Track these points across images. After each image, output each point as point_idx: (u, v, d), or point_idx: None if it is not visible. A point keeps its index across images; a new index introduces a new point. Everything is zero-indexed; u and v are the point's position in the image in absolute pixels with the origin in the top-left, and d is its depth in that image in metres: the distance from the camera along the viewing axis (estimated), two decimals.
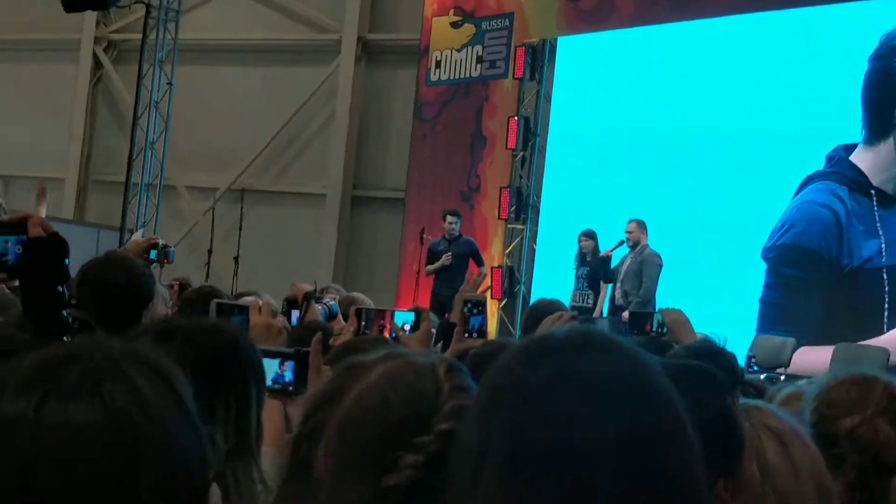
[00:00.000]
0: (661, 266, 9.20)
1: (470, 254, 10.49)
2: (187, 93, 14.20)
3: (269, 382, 2.08)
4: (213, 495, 1.02)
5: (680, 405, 1.01)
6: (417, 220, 11.87)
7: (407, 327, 3.24)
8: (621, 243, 9.52)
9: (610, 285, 9.78)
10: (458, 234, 10.62)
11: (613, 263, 9.70)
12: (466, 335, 3.12)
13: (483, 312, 3.87)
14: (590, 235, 9.98)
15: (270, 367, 2.23)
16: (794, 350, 8.12)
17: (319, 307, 4.71)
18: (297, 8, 14.64)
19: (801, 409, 1.96)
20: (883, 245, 8.23)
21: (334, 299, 6.75)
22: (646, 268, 9.16)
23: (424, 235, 11.05)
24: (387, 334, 3.16)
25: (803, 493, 1.50)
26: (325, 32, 14.49)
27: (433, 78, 12.72)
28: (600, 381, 0.98)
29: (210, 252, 12.25)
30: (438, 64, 12.63)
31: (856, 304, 8.36)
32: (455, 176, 12.16)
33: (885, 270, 8.22)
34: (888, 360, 7.25)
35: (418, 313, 3.00)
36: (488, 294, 10.54)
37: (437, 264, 10.48)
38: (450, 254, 10.42)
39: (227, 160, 14.58)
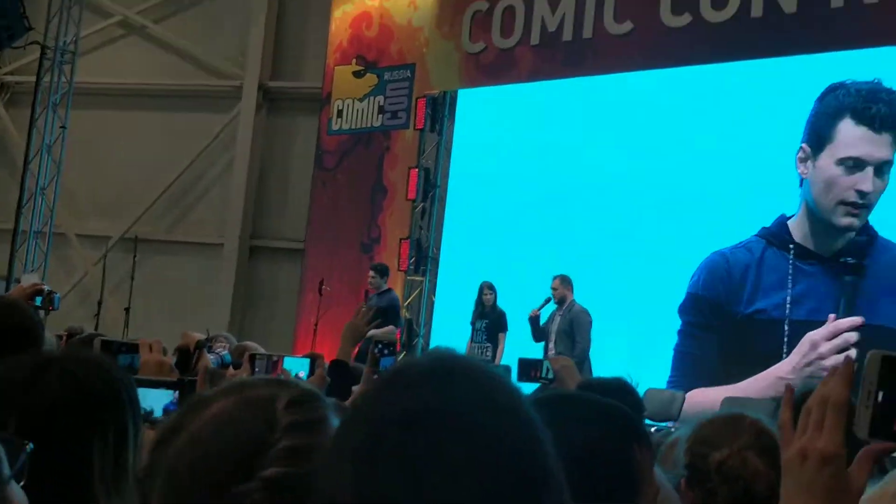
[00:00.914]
0: (591, 322, 9.01)
1: (385, 309, 10.15)
2: (82, 137, 13.81)
3: (159, 413, 2.10)
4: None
5: (547, 444, 0.94)
6: (316, 272, 11.70)
7: (302, 374, 3.16)
8: (548, 301, 9.30)
9: (506, 336, 9.75)
10: (383, 288, 10.35)
11: (542, 321, 9.48)
12: (376, 377, 3.02)
13: (393, 353, 3.77)
14: (492, 288, 9.93)
15: (160, 398, 2.29)
16: (682, 403, 8.15)
17: (212, 356, 4.57)
18: (197, 53, 14.43)
19: (676, 452, 2.07)
20: (789, 298, 8.36)
21: (225, 348, 6.55)
22: (577, 326, 8.97)
23: (324, 287, 10.89)
24: None
25: None
26: (225, 79, 14.31)
27: (334, 127, 12.64)
28: (459, 423, 0.90)
29: (100, 303, 11.85)
30: (340, 113, 12.56)
31: (753, 352, 8.45)
32: (355, 226, 12.04)
33: (786, 322, 8.35)
34: (776, 408, 7.33)
35: (313, 359, 2.91)
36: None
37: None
38: (363, 306, 10.20)
39: (121, 207, 14.20)
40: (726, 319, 8.67)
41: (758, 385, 8.08)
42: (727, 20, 9.23)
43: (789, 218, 8.54)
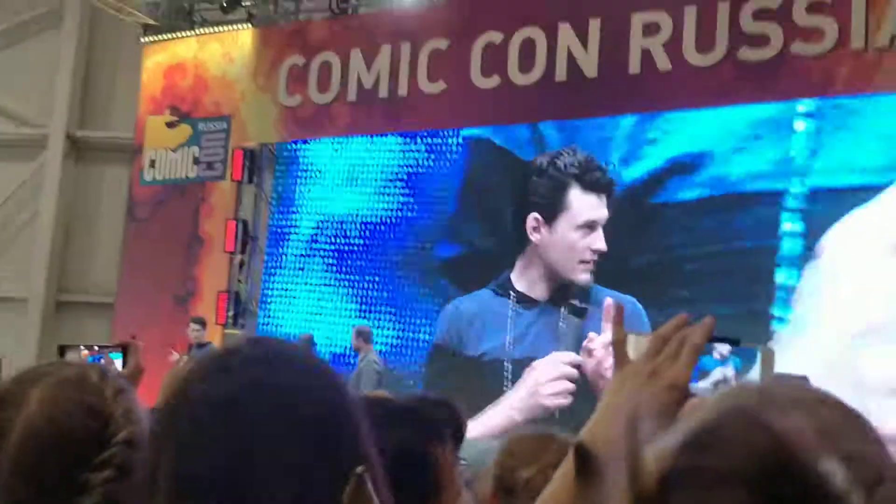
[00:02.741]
0: (379, 371, 9.18)
1: None
2: None
3: None
4: None
5: (363, 423, 0.99)
6: (127, 326, 11.37)
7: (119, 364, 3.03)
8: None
9: None
10: (203, 341, 10.18)
11: None
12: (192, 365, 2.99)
13: None
14: (304, 340, 9.93)
15: None
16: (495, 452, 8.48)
17: None
18: (2, 101, 13.83)
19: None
20: (509, 339, 9.16)
21: None
22: (364, 376, 9.18)
23: (135, 340, 10.59)
24: None
25: None
26: (31, 127, 13.78)
27: (147, 178, 12.39)
28: (281, 397, 0.94)
29: None
30: (153, 163, 12.34)
31: (481, 391, 9.04)
32: (169, 279, 11.79)
33: (507, 361, 9.15)
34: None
35: (125, 347, 2.79)
36: None
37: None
38: (182, 357, 10.05)
39: None
40: (454, 362, 9.46)
41: (493, 419, 8.72)
42: (533, 83, 9.73)
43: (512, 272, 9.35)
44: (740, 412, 0.71)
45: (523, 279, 9.27)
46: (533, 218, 9.15)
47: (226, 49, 12.00)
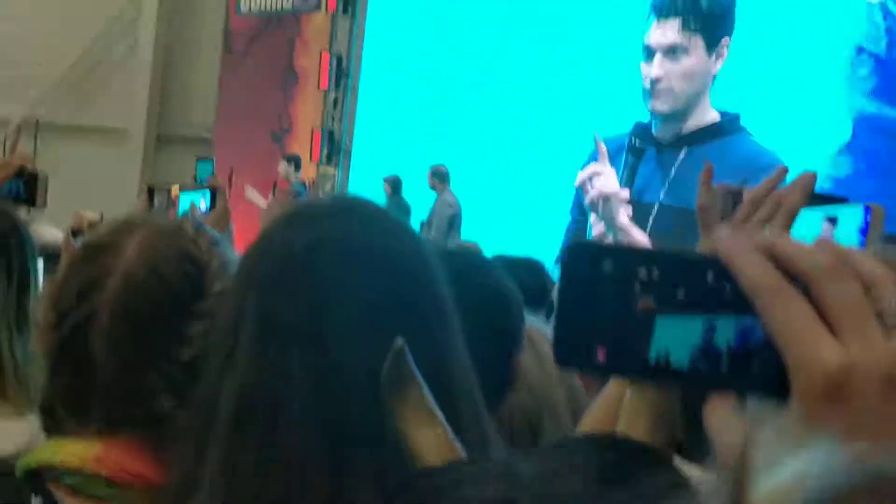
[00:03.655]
0: (451, 214, 9.10)
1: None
2: None
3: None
4: None
5: (441, 281, 1.00)
6: (226, 161, 11.41)
7: (205, 205, 2.99)
8: None
9: None
10: (292, 179, 10.24)
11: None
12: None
13: None
14: (387, 181, 9.84)
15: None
16: None
17: None
18: None
19: None
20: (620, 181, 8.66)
21: None
22: (435, 217, 9.13)
23: (234, 177, 10.66)
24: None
25: (554, 395, 1.62)
26: None
27: (243, 8, 12.18)
28: (360, 249, 0.97)
29: None
30: None
31: None
32: (266, 115, 11.73)
33: None
34: None
35: (213, 190, 2.72)
36: None
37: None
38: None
39: (18, 90, 13.56)
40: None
41: None
42: None
43: None
44: None
45: None
46: None
47: None
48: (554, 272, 3.93)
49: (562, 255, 0.57)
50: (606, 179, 7.38)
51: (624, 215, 7.77)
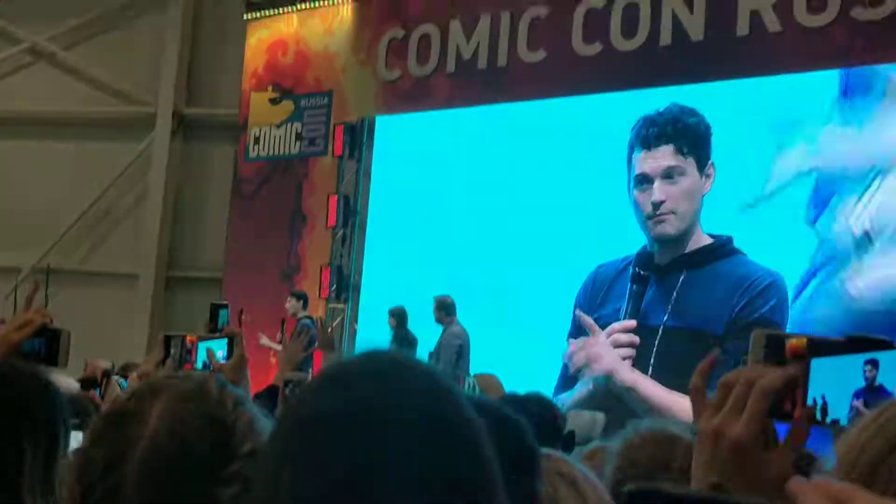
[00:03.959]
0: (459, 345, 9.17)
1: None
2: None
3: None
4: None
5: (485, 443, 0.92)
6: (235, 301, 11.52)
7: (222, 353, 3.01)
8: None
9: None
10: (301, 315, 10.31)
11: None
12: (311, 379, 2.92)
13: None
14: (392, 314, 9.92)
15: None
16: (604, 424, 8.26)
17: (115, 378, 4.48)
18: (109, 80, 14.19)
19: (602, 462, 1.93)
20: (624, 305, 8.55)
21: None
22: (442, 350, 9.16)
23: (243, 316, 10.75)
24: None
25: None
26: (138, 105, 14.09)
27: (252, 154, 12.55)
28: (403, 416, 0.89)
29: None
30: (257, 140, 12.49)
31: None
32: (275, 255, 11.96)
33: None
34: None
35: (231, 338, 2.76)
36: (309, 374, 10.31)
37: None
38: (299, 330, 10.18)
39: (31, 238, 13.84)
40: (581, 328, 8.89)
41: (577, 391, 8.43)
42: (636, 48, 9.46)
43: None
44: None
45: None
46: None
47: (327, 24, 12.04)
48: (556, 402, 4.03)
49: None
50: (605, 357, 7.85)
51: (628, 371, 7.97)
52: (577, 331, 9.07)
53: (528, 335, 9.56)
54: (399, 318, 9.84)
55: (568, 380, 9.03)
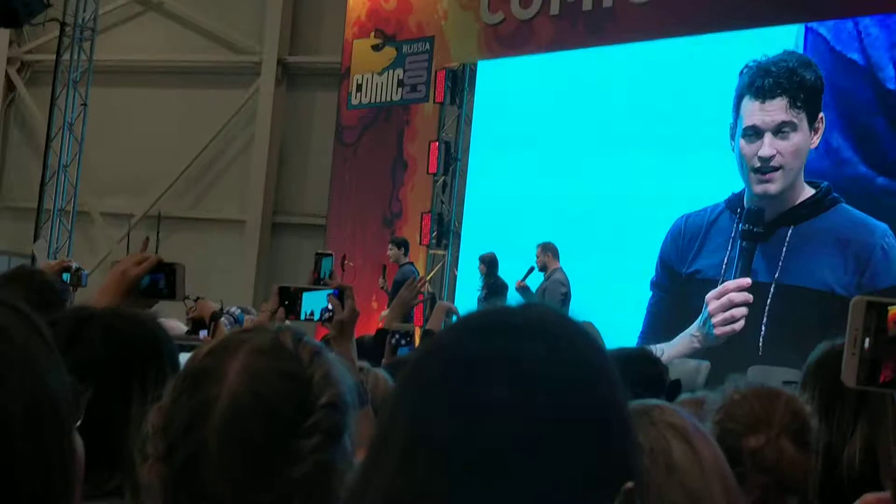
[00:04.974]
0: (564, 293, 9.12)
1: (400, 283, 10.19)
2: (103, 115, 13.82)
3: (317, 317, 2.54)
4: (78, 446, 0.95)
5: (624, 405, 0.89)
6: (339, 247, 11.69)
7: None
8: (532, 270, 9.39)
9: None
10: (403, 262, 10.37)
11: (534, 289, 9.55)
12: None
13: (411, 343, 3.73)
14: (482, 260, 9.85)
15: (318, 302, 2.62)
16: (707, 372, 8.16)
17: (224, 319, 4.61)
18: (216, 30, 14.40)
19: (702, 415, 1.91)
20: (726, 259, 8.61)
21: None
22: (548, 295, 9.10)
23: (346, 262, 10.87)
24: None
25: (710, 489, 1.46)
26: (244, 54, 14.28)
27: (354, 101, 12.60)
28: (538, 375, 0.84)
29: None
30: (359, 87, 12.51)
31: (689, 311, 8.68)
32: (376, 201, 12.03)
33: (719, 283, 8.58)
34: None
35: (342, 291, 2.78)
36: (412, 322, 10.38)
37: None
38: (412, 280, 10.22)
39: (143, 185, 14.24)
40: (674, 279, 9.02)
41: (679, 343, 8.52)
42: None
43: None
44: None
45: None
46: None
47: None
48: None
49: None
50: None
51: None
52: (662, 279, 9.02)
53: (613, 284, 9.47)
54: (489, 264, 9.81)
55: (655, 328, 8.98)
